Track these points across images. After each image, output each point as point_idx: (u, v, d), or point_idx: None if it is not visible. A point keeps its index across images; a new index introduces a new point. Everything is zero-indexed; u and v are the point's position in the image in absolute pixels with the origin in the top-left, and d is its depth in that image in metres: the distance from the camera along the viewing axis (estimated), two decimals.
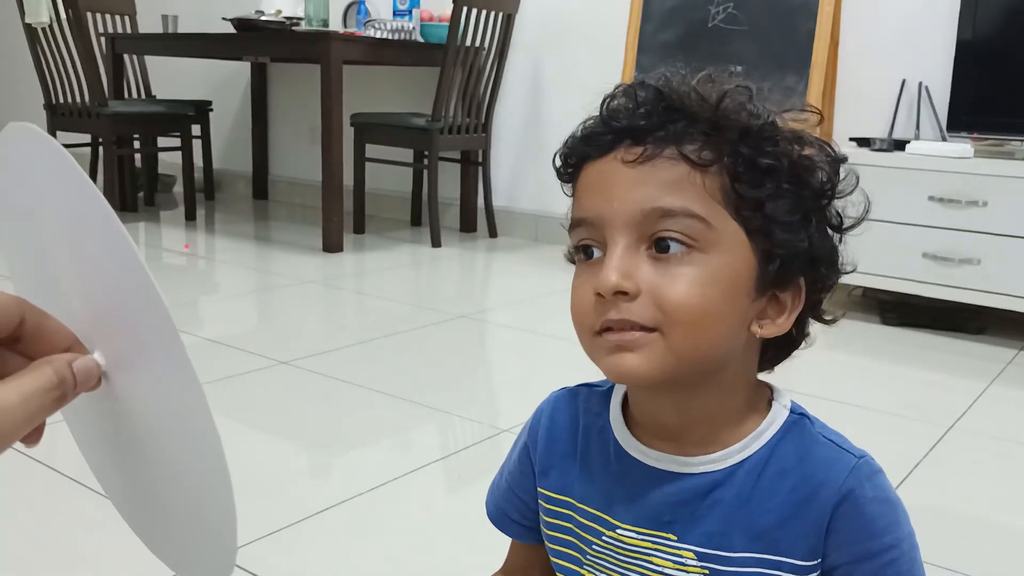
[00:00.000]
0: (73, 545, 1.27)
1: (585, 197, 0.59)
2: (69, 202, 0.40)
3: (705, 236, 0.55)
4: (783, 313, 0.59)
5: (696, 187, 0.55)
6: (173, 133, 4.06)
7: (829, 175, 0.59)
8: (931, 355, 2.40)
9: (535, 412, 0.72)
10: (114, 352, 0.41)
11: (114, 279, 0.39)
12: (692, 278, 0.55)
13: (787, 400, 0.63)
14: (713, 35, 2.99)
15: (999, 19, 2.64)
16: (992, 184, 2.39)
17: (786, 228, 0.56)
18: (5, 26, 5.25)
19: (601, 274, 0.55)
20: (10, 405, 0.37)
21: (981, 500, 1.54)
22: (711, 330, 0.56)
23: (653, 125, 0.56)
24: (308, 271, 3.10)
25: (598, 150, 0.59)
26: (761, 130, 0.56)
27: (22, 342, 0.41)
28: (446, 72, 3.40)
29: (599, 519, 0.64)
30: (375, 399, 1.88)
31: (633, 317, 0.55)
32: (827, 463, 0.59)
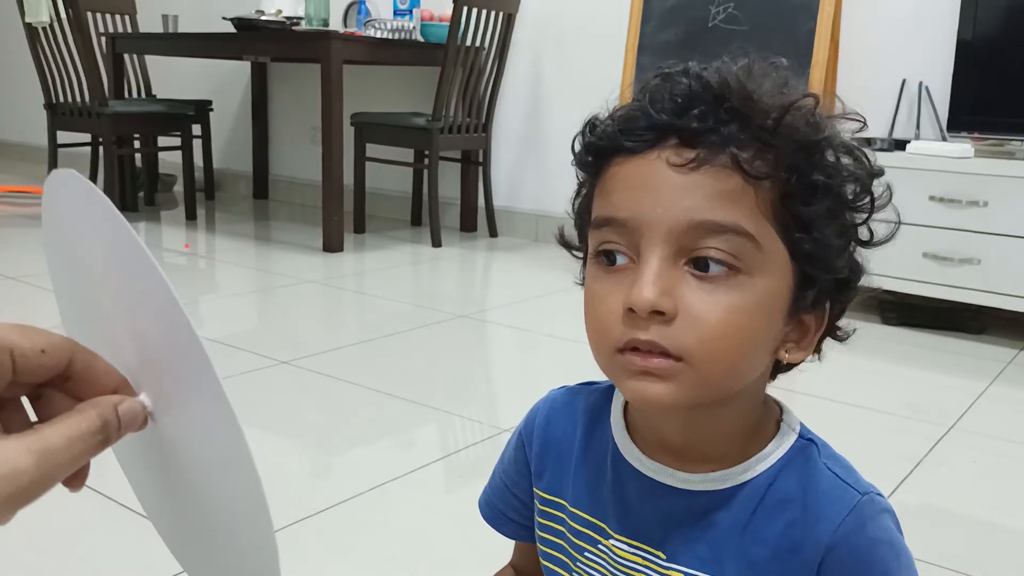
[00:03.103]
0: (74, 547, 1.27)
1: (618, 195, 0.53)
2: (110, 245, 0.40)
3: (751, 257, 0.50)
4: (806, 335, 0.56)
5: (748, 201, 0.50)
6: (173, 133, 4.06)
7: (869, 191, 0.55)
8: (931, 355, 2.40)
9: (531, 410, 0.70)
10: (159, 393, 0.42)
11: (154, 321, 0.40)
12: (735, 306, 0.50)
13: (796, 423, 0.59)
14: (713, 35, 2.99)
15: (999, 19, 2.64)
16: (992, 184, 2.39)
17: (834, 253, 0.53)
18: (5, 26, 5.25)
19: (636, 287, 0.50)
20: (55, 448, 0.37)
21: (981, 500, 1.54)
22: (745, 360, 0.52)
23: (706, 127, 0.50)
24: (308, 271, 3.10)
25: (637, 145, 0.52)
26: (819, 144, 0.52)
27: (71, 382, 0.41)
28: (446, 72, 3.40)
29: (594, 526, 0.62)
30: (375, 399, 1.88)
31: (664, 342, 0.50)
32: (829, 498, 0.55)
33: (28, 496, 0.36)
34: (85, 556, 1.24)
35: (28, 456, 0.36)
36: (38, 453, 0.36)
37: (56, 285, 0.48)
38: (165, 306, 0.38)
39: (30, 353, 0.39)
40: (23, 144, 5.70)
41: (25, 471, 0.35)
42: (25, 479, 0.35)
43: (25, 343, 0.39)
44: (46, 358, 0.39)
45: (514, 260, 3.48)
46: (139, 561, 1.22)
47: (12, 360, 0.38)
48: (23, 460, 0.35)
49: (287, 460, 1.58)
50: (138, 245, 0.38)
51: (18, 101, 5.66)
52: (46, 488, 0.37)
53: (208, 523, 0.45)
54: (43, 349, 0.39)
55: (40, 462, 0.36)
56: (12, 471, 0.35)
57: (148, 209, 4.24)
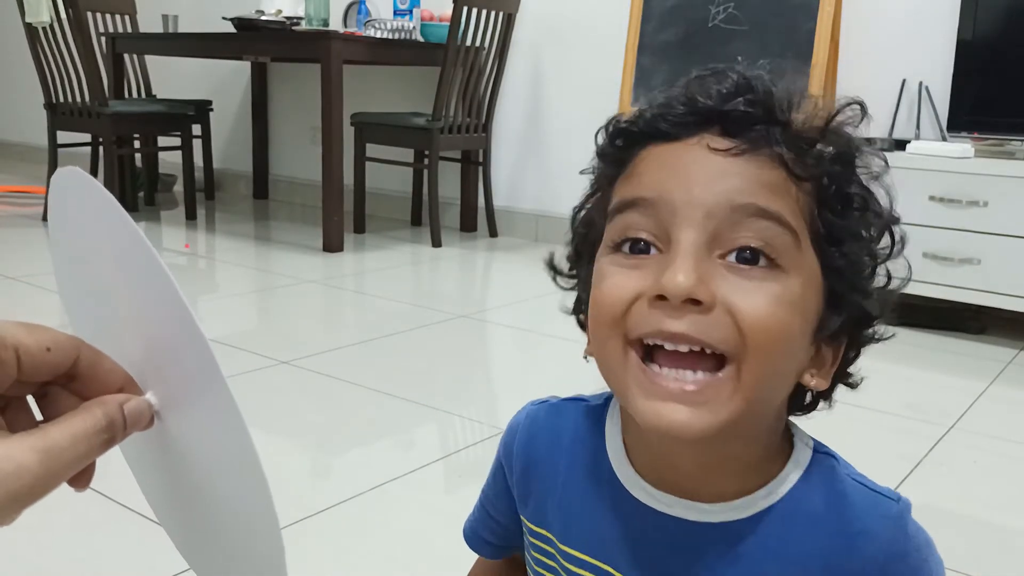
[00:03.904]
0: (75, 547, 1.27)
1: (649, 176, 0.48)
2: (116, 243, 0.40)
3: (791, 254, 0.46)
4: (823, 367, 0.52)
5: (791, 197, 0.47)
6: (173, 133, 4.06)
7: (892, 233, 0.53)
8: (931, 355, 2.40)
9: (509, 428, 0.63)
10: (166, 392, 0.41)
11: (160, 320, 0.40)
12: (776, 295, 0.45)
13: (806, 436, 0.55)
14: (713, 35, 2.99)
15: (999, 19, 2.64)
16: (992, 184, 2.39)
17: (863, 272, 0.50)
18: (5, 26, 5.25)
19: (668, 271, 0.44)
20: (59, 447, 0.36)
21: (981, 500, 1.54)
22: (786, 365, 0.48)
23: (754, 117, 0.48)
24: (308, 271, 3.10)
25: (676, 131, 0.49)
26: (858, 155, 0.50)
27: (77, 381, 0.41)
28: (446, 72, 3.40)
29: (599, 570, 0.55)
30: (375, 399, 1.88)
31: (703, 335, 0.44)
32: (864, 511, 0.52)
33: (33, 495, 0.36)
34: (86, 556, 1.24)
35: (32, 455, 0.35)
36: (42, 452, 0.36)
37: (62, 283, 0.48)
38: (171, 304, 0.38)
39: (35, 351, 0.39)
40: (23, 144, 5.70)
41: (29, 470, 0.35)
42: (29, 478, 0.35)
43: (30, 341, 0.39)
44: (51, 356, 0.39)
45: (514, 260, 3.48)
46: (140, 561, 1.22)
47: (17, 357, 0.38)
48: (27, 459, 0.35)
49: (287, 460, 1.58)
50: (143, 243, 0.38)
51: (18, 101, 5.66)
52: (51, 487, 0.37)
53: (215, 522, 0.45)
54: (48, 347, 0.39)
55: (44, 461, 0.36)
56: (16, 470, 0.35)
57: (148, 209, 4.24)
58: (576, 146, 3.68)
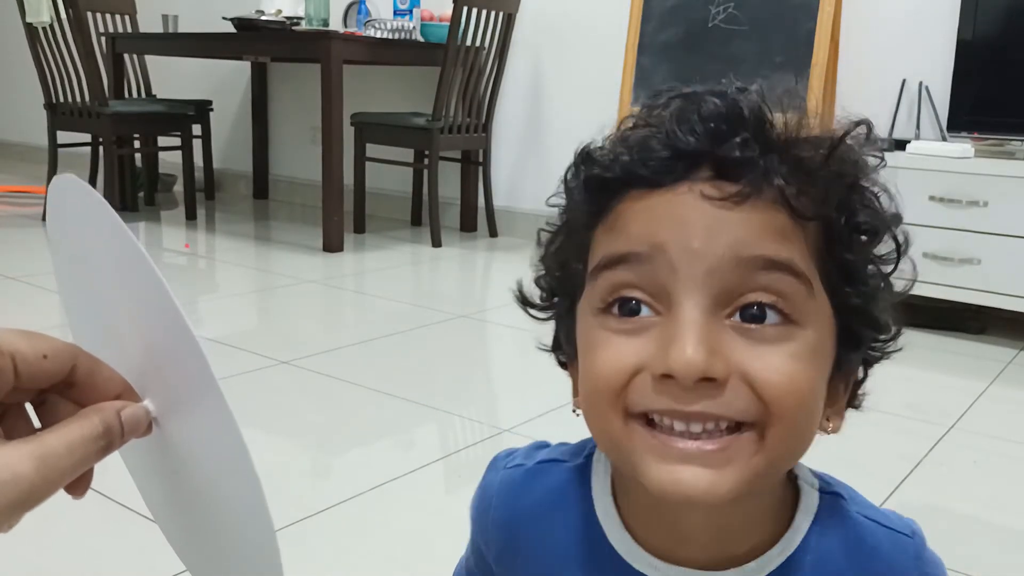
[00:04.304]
0: (75, 547, 1.27)
1: (638, 227, 0.42)
2: (112, 250, 0.40)
3: (804, 305, 0.42)
4: (837, 402, 0.48)
5: (799, 242, 0.42)
6: (173, 133, 4.06)
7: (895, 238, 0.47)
8: (931, 355, 2.40)
9: (480, 492, 0.57)
10: (164, 399, 0.41)
11: (156, 327, 0.40)
12: (794, 355, 0.41)
13: (809, 475, 0.51)
14: (713, 35, 2.99)
15: (1000, 19, 2.64)
16: (992, 184, 2.39)
17: (880, 307, 0.46)
18: (5, 26, 5.25)
19: (676, 346, 0.39)
20: (55, 454, 0.36)
21: (981, 500, 1.54)
22: (813, 425, 0.43)
23: (750, 156, 0.42)
24: (308, 271, 3.10)
25: (660, 178, 0.42)
26: (867, 185, 0.45)
27: (75, 388, 0.41)
28: (446, 72, 3.40)
29: None
30: (375, 399, 1.88)
31: (720, 411, 0.40)
32: (887, 553, 0.49)
33: (29, 502, 0.35)
34: (86, 556, 1.24)
35: (28, 462, 0.35)
36: (39, 459, 0.36)
37: (62, 289, 0.48)
38: (165, 311, 0.38)
39: (32, 358, 0.39)
40: (23, 144, 5.70)
41: (25, 477, 0.35)
42: (25, 485, 0.35)
43: (27, 348, 0.38)
44: (48, 363, 0.39)
45: (514, 260, 3.48)
46: (141, 561, 1.22)
47: (14, 365, 0.38)
48: (23, 466, 0.35)
49: (287, 460, 1.58)
50: (138, 249, 0.38)
51: (18, 101, 5.66)
52: (47, 494, 0.36)
53: (212, 526, 0.45)
54: (45, 354, 0.39)
55: (40, 467, 0.35)
56: (12, 477, 0.35)
57: (148, 209, 4.24)
58: (576, 146, 3.67)
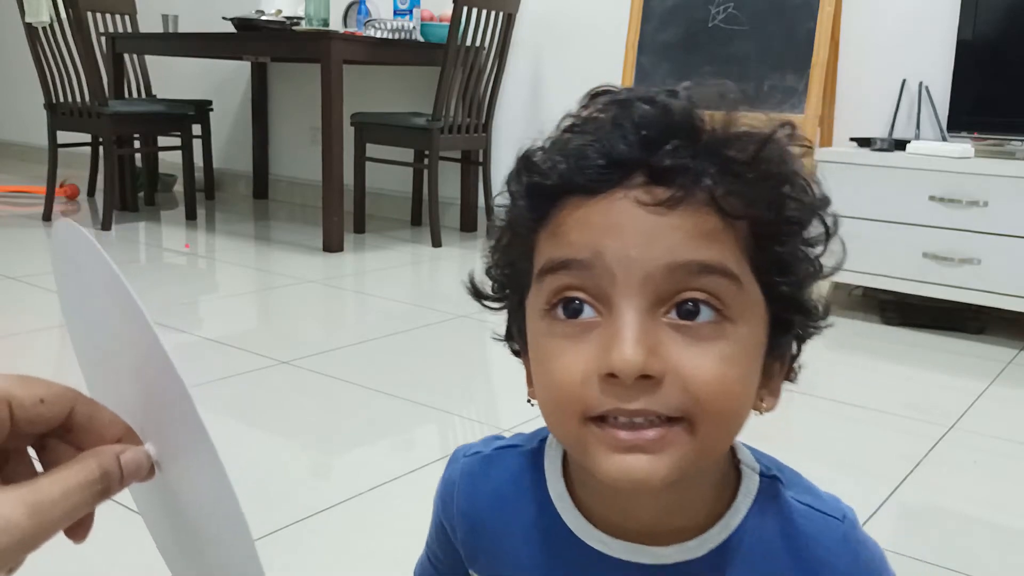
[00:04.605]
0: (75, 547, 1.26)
1: (578, 234, 0.45)
2: (109, 297, 0.40)
3: (735, 302, 0.45)
4: (771, 380, 0.51)
5: (729, 241, 0.45)
6: (173, 133, 4.06)
7: (824, 221, 0.50)
8: (931, 355, 2.40)
9: (444, 483, 0.61)
10: (163, 443, 0.42)
11: (151, 375, 0.40)
12: (726, 355, 0.44)
13: (751, 458, 0.54)
14: (713, 35, 2.99)
15: (1000, 19, 2.64)
16: (992, 184, 2.39)
17: (806, 293, 0.49)
18: (5, 26, 5.25)
19: (617, 348, 0.43)
20: (49, 500, 0.36)
21: (981, 500, 1.54)
22: (741, 416, 0.47)
23: (680, 162, 0.44)
24: (308, 271, 3.10)
25: (597, 184, 0.45)
26: (791, 177, 0.47)
27: (73, 432, 0.40)
28: (446, 72, 3.40)
29: None
30: (375, 399, 1.88)
31: (658, 408, 0.43)
32: (816, 538, 0.52)
33: (22, 549, 0.35)
34: (87, 556, 1.24)
35: (21, 508, 0.35)
36: (31, 505, 0.35)
37: (71, 331, 0.49)
38: (160, 365, 0.38)
39: (28, 403, 0.38)
40: (23, 144, 5.70)
41: (17, 524, 0.35)
42: (17, 532, 0.35)
43: (23, 394, 0.38)
44: (44, 408, 0.39)
45: None
46: (142, 561, 1.22)
47: (10, 411, 0.38)
48: (15, 512, 0.35)
49: (287, 460, 1.58)
50: (132, 299, 0.38)
51: (18, 101, 5.66)
52: (41, 541, 0.36)
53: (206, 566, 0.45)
54: (42, 399, 0.39)
55: (33, 514, 0.35)
56: (4, 524, 0.34)
57: (148, 209, 4.24)
58: None
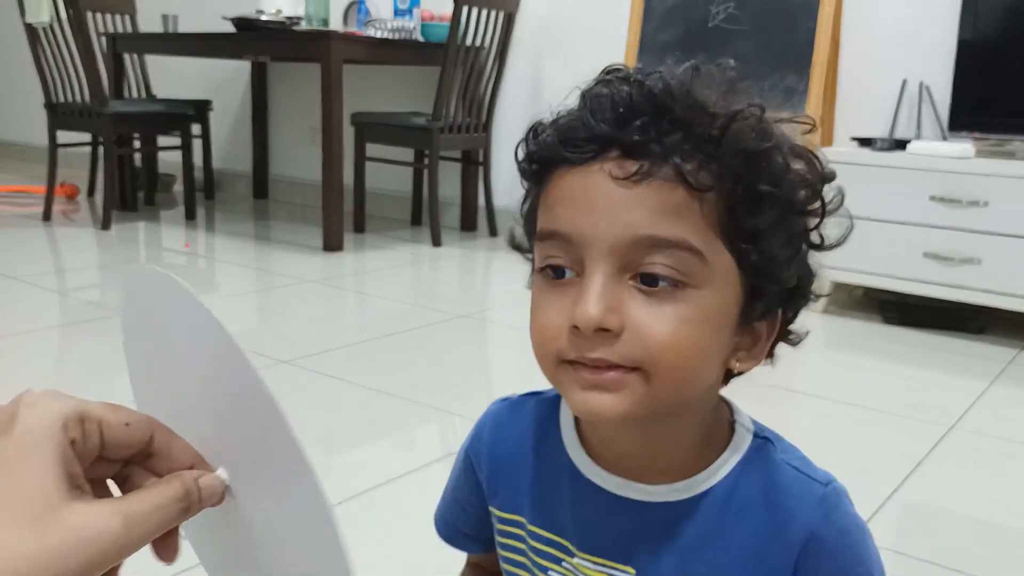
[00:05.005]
0: None
1: (561, 209, 0.51)
2: (195, 334, 0.43)
3: (698, 271, 0.49)
4: (757, 343, 0.55)
5: (694, 214, 0.49)
6: (173, 132, 4.06)
7: (820, 196, 0.54)
8: (931, 355, 2.40)
9: (475, 427, 0.68)
10: (238, 470, 0.44)
11: (238, 402, 0.42)
12: (682, 317, 0.49)
13: (748, 422, 0.59)
14: (714, 35, 2.99)
15: (1000, 19, 2.64)
16: (993, 184, 2.39)
17: (781, 264, 0.52)
18: (5, 25, 5.25)
19: (580, 305, 0.49)
20: (141, 512, 0.39)
21: (981, 500, 1.54)
22: (696, 372, 0.51)
23: (648, 139, 0.49)
24: (308, 270, 3.10)
25: (578, 157, 0.51)
26: (766, 153, 0.50)
27: (153, 458, 0.44)
28: (447, 72, 3.40)
29: (556, 544, 0.60)
30: (375, 399, 1.88)
31: (614, 358, 0.49)
32: (793, 495, 0.55)
33: (114, 557, 0.38)
34: None
35: (116, 518, 0.38)
36: (125, 515, 0.38)
37: (133, 368, 0.51)
38: (260, 402, 0.40)
39: (116, 425, 0.42)
40: (23, 144, 5.70)
41: (114, 532, 0.38)
42: (111, 539, 0.38)
43: (112, 417, 0.42)
44: (130, 431, 0.42)
45: (514, 260, 3.45)
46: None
47: (100, 431, 0.41)
48: (112, 521, 0.38)
49: None
50: (219, 328, 0.41)
51: (18, 101, 5.66)
52: (132, 550, 0.39)
53: None
54: (127, 422, 0.42)
55: (127, 523, 0.38)
56: (99, 533, 0.37)
57: (148, 209, 4.23)
58: None
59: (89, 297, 2.74)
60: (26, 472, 0.37)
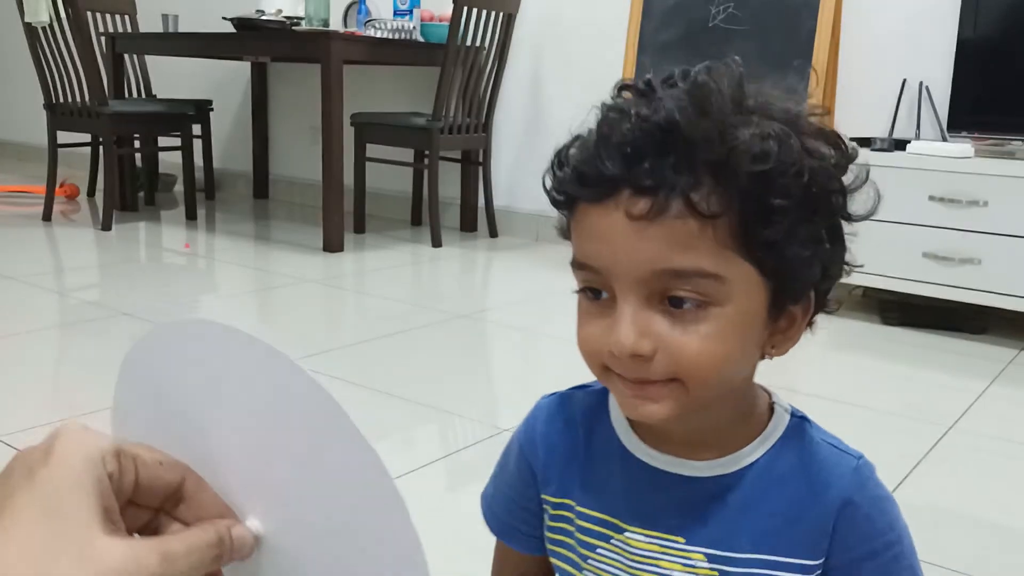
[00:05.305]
0: None
1: (587, 244, 0.56)
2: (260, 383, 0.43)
3: (718, 291, 0.53)
4: (793, 324, 0.58)
5: (707, 241, 0.52)
6: (173, 132, 4.06)
7: (840, 183, 0.55)
8: (931, 355, 2.40)
9: (526, 422, 0.71)
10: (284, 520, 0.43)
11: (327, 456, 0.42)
12: (708, 334, 0.53)
13: (787, 404, 0.64)
14: (714, 35, 2.99)
15: (1000, 18, 2.64)
16: (993, 184, 2.39)
17: (803, 263, 0.54)
18: (5, 26, 5.25)
19: (613, 335, 0.54)
20: (178, 552, 0.39)
21: (981, 500, 1.54)
22: (729, 373, 0.56)
23: (657, 180, 0.51)
24: (308, 270, 3.10)
25: (594, 195, 0.54)
26: (774, 169, 0.52)
27: (185, 503, 0.44)
28: (446, 72, 3.40)
29: (606, 523, 0.64)
30: (375, 399, 1.88)
31: (651, 376, 0.54)
32: (829, 466, 0.60)
33: None
34: None
35: (154, 555, 0.38)
36: (162, 554, 0.39)
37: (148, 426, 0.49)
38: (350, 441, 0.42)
39: (151, 463, 0.42)
40: (23, 144, 5.70)
41: (151, 569, 0.38)
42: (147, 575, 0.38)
43: (146, 454, 0.42)
44: (164, 470, 0.43)
45: (514, 260, 3.48)
46: None
47: (136, 468, 0.41)
48: (150, 557, 0.38)
49: None
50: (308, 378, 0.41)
51: (18, 101, 5.66)
52: None
53: None
54: (161, 462, 0.43)
55: (164, 561, 0.38)
56: (137, 569, 0.37)
57: (148, 209, 4.24)
58: None
59: (89, 297, 2.74)
60: (65, 505, 0.37)
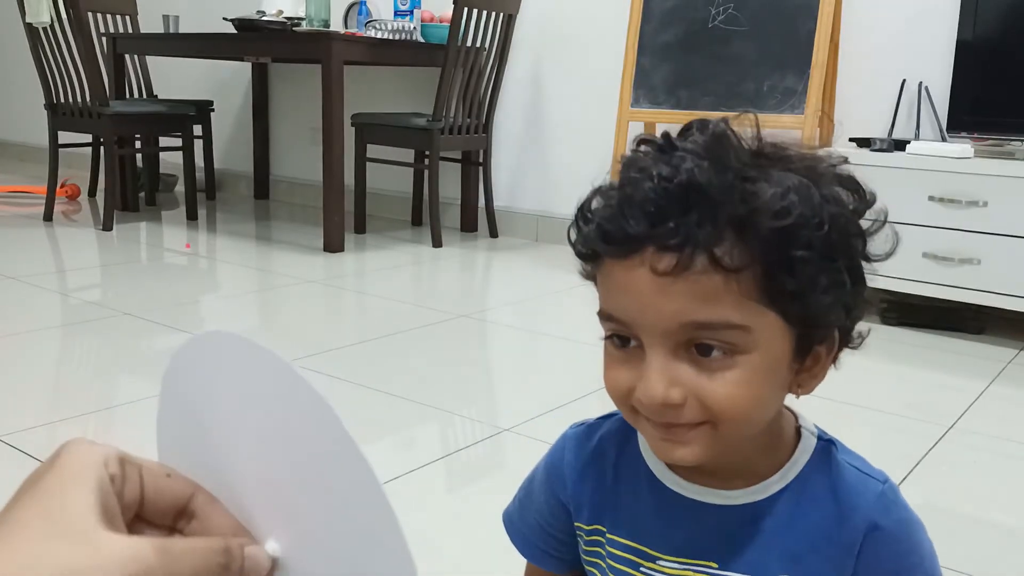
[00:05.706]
0: None
1: (614, 297, 0.57)
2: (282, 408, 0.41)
3: (744, 340, 0.54)
4: (819, 362, 0.59)
5: (732, 294, 0.53)
6: (174, 133, 4.06)
7: (859, 227, 0.57)
8: (931, 355, 2.40)
9: (552, 453, 0.72)
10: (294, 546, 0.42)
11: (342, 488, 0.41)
12: (735, 381, 0.54)
13: (812, 426, 0.65)
14: (713, 35, 2.99)
15: (999, 19, 2.64)
16: (992, 184, 2.39)
17: (826, 308, 0.56)
18: (5, 26, 5.25)
19: (642, 385, 0.55)
20: (178, 549, 0.39)
21: (981, 500, 1.54)
22: (759, 416, 0.57)
23: (681, 238, 0.52)
24: (309, 271, 3.10)
25: (620, 252, 0.55)
26: (795, 223, 0.53)
27: (196, 520, 0.43)
28: (447, 72, 3.41)
29: (636, 551, 0.65)
30: (375, 399, 1.88)
31: (681, 421, 0.55)
32: (855, 491, 0.61)
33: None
34: None
35: (150, 547, 0.38)
36: (161, 548, 0.38)
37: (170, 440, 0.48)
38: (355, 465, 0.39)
39: (157, 473, 0.42)
40: (23, 144, 5.71)
41: (146, 560, 0.37)
42: (144, 568, 0.37)
43: (153, 465, 0.42)
44: (171, 482, 0.42)
45: (514, 260, 3.48)
46: None
47: (141, 477, 0.41)
48: (145, 548, 0.38)
49: None
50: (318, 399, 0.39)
51: (18, 101, 5.66)
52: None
53: None
54: (168, 473, 0.42)
55: (162, 556, 0.38)
56: (132, 558, 0.37)
57: (149, 209, 4.24)
58: (576, 147, 3.68)
59: (90, 297, 2.74)
60: (64, 497, 0.38)
